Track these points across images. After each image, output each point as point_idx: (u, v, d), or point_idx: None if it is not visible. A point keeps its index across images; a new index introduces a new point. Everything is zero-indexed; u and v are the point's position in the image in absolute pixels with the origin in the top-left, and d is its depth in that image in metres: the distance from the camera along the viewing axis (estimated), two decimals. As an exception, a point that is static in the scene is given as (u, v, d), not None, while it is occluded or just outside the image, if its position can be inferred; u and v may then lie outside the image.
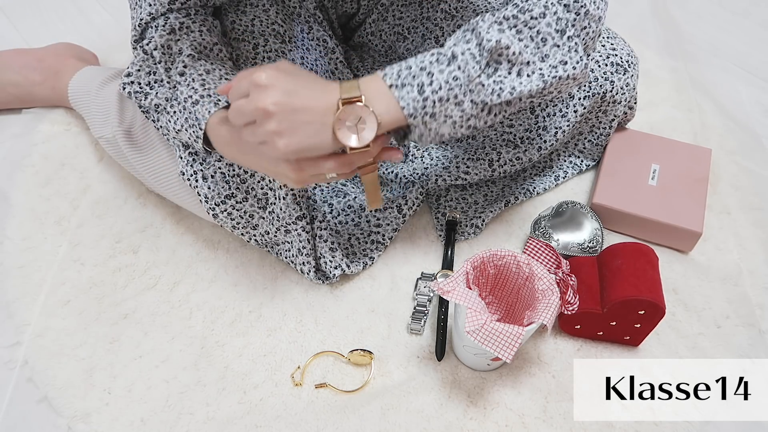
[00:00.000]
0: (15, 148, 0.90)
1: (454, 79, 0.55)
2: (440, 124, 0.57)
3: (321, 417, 0.65)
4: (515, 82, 0.57)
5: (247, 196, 0.71)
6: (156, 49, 0.64)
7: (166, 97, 0.66)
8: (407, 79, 0.55)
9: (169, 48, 0.65)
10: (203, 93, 0.62)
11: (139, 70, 0.67)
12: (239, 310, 0.74)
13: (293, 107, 0.52)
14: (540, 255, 0.70)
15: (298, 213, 0.69)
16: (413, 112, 0.55)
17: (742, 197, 0.87)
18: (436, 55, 0.56)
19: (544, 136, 0.81)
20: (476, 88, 0.56)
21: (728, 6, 1.21)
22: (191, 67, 0.64)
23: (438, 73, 0.55)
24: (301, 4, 0.77)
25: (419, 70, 0.55)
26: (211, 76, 0.64)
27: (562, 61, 0.57)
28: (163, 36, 0.64)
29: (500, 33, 0.56)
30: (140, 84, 0.68)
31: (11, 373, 0.69)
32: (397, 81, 0.55)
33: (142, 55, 0.66)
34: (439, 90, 0.55)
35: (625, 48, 0.82)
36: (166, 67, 0.65)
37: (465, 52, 0.56)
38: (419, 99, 0.55)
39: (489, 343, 0.58)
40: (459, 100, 0.56)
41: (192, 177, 0.70)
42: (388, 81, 0.55)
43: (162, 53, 0.64)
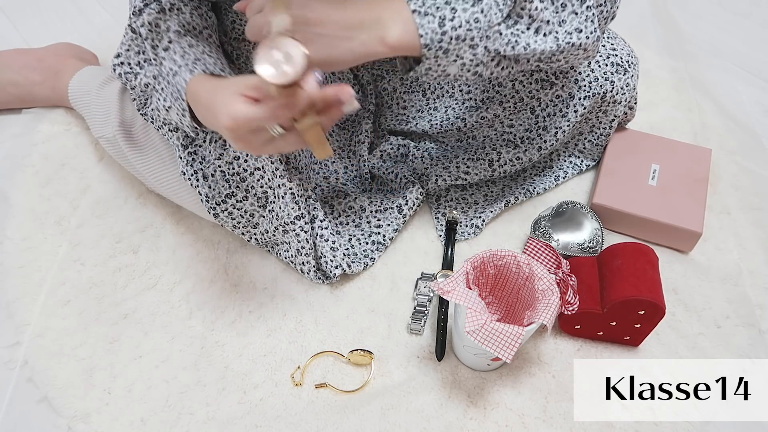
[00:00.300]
0: (15, 148, 0.90)
1: (475, 21, 0.55)
2: (449, 63, 0.57)
3: (321, 417, 0.65)
4: (531, 39, 0.57)
5: (247, 195, 0.71)
6: (143, 26, 0.64)
7: (154, 74, 0.66)
8: (431, 9, 0.54)
9: (156, 26, 0.64)
10: (181, 63, 0.61)
11: (128, 50, 0.67)
12: (239, 310, 0.74)
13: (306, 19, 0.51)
14: (540, 255, 0.70)
15: (297, 212, 0.69)
16: (429, 44, 0.55)
17: (742, 197, 0.87)
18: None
19: (545, 136, 0.81)
20: (493, 35, 0.56)
21: (728, 6, 1.21)
22: (176, 42, 0.63)
23: (461, 11, 0.54)
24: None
25: (444, 3, 0.55)
26: (193, 50, 0.63)
27: (578, 29, 0.58)
28: (152, 14, 0.63)
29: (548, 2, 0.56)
30: (130, 64, 0.67)
31: (11, 373, 0.69)
32: (421, 8, 0.54)
33: (131, 34, 0.66)
34: (459, 28, 0.54)
35: (626, 48, 0.82)
36: (153, 44, 0.64)
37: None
38: (438, 31, 0.54)
39: (489, 343, 0.58)
40: (474, 43, 0.56)
41: (192, 176, 0.70)
42: (413, 5, 0.54)
43: (149, 30, 0.64)
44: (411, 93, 0.86)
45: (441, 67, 0.57)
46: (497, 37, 0.56)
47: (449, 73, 0.58)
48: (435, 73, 0.58)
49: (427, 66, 0.57)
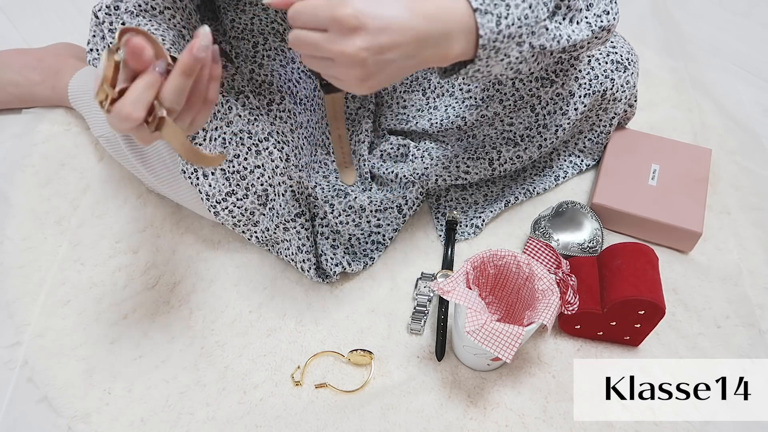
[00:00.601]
0: (15, 148, 0.90)
1: (525, 18, 0.53)
2: (497, 62, 0.54)
3: (321, 417, 0.65)
4: (569, 30, 0.57)
5: (248, 193, 0.71)
6: (101, 9, 0.61)
7: None
8: (490, 6, 0.50)
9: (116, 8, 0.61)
10: None
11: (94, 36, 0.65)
12: (239, 310, 0.74)
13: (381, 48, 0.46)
14: (540, 255, 0.70)
15: (297, 210, 0.70)
16: (486, 44, 0.51)
17: (742, 197, 0.87)
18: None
19: (545, 134, 0.81)
20: (539, 31, 0.54)
21: (728, 6, 1.21)
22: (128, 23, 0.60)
23: (514, 7, 0.51)
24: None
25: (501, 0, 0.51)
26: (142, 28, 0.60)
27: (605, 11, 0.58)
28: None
29: None
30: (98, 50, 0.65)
31: (11, 373, 0.69)
32: (482, 5, 0.50)
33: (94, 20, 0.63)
34: (512, 26, 0.52)
35: (625, 46, 0.82)
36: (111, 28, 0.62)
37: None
38: (495, 30, 0.51)
39: (489, 343, 0.58)
40: (522, 40, 0.53)
41: (192, 175, 0.70)
42: (474, 4, 0.50)
43: (106, 13, 0.61)
44: (411, 92, 0.86)
45: (488, 67, 0.55)
46: (543, 33, 0.54)
47: (493, 72, 0.55)
48: (480, 74, 0.55)
49: (476, 68, 0.54)
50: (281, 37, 0.75)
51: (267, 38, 0.73)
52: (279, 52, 0.74)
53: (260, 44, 0.73)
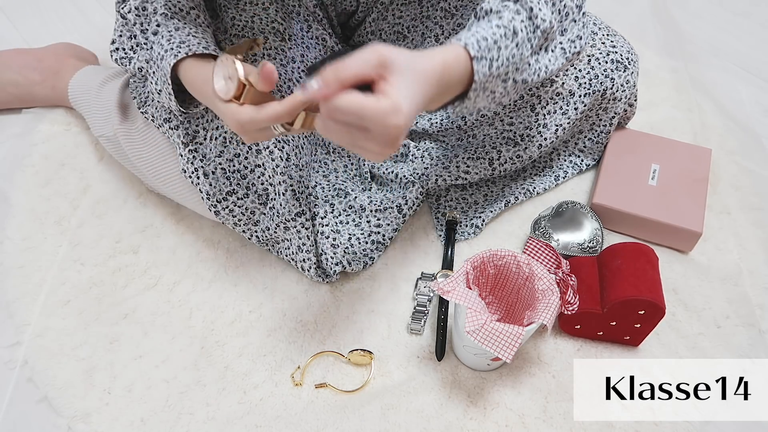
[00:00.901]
0: (15, 148, 0.90)
1: (512, 57, 0.54)
2: (483, 98, 0.56)
3: (321, 417, 0.65)
4: (546, 60, 0.57)
5: (248, 192, 0.71)
6: (130, 11, 0.64)
7: (146, 58, 0.65)
8: (485, 51, 0.52)
9: (143, 9, 0.64)
10: (167, 47, 0.60)
11: (121, 36, 0.67)
12: (239, 310, 0.74)
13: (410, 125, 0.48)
14: (540, 255, 0.70)
15: (298, 209, 0.70)
16: (476, 87, 0.53)
17: (742, 197, 0.87)
18: (503, 29, 0.53)
19: (545, 134, 0.81)
20: (523, 66, 0.55)
21: (728, 6, 1.21)
22: (164, 25, 0.63)
23: (504, 49, 0.53)
24: (300, 2, 0.77)
25: (493, 43, 0.53)
26: (179, 33, 0.62)
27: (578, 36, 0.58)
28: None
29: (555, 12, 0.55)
30: (124, 50, 0.67)
31: (11, 373, 0.69)
32: (479, 52, 0.52)
33: (121, 20, 0.66)
34: (501, 66, 0.53)
35: (625, 45, 0.82)
36: (143, 28, 0.64)
37: (523, 29, 0.54)
38: (486, 74, 0.53)
39: (489, 343, 0.58)
40: (507, 77, 0.55)
41: (193, 174, 0.71)
42: (473, 51, 0.52)
43: (137, 15, 0.64)
44: (411, 93, 0.86)
45: (474, 104, 0.56)
46: (526, 68, 0.55)
47: (479, 107, 0.56)
48: (467, 110, 0.56)
49: (463, 106, 0.55)
50: (281, 36, 0.75)
51: (267, 37, 0.73)
52: (279, 52, 0.74)
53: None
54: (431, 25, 0.84)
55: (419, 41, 0.85)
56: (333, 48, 0.81)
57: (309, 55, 0.78)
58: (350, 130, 0.46)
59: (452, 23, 0.82)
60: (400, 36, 0.86)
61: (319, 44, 0.80)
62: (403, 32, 0.85)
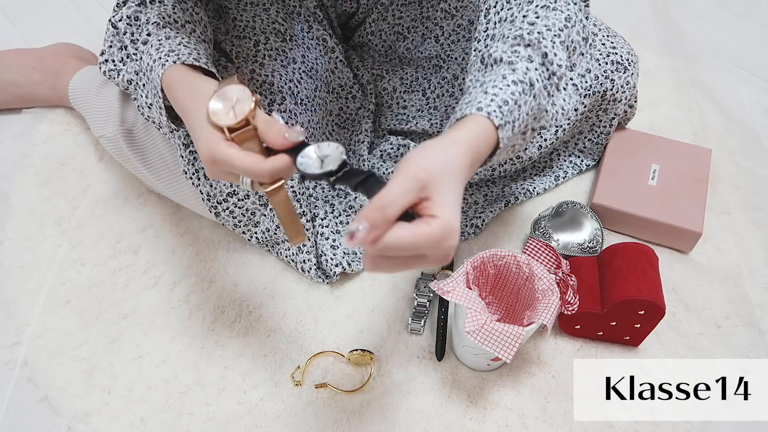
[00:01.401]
0: (15, 148, 0.90)
1: (531, 110, 0.52)
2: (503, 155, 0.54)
3: (321, 417, 0.65)
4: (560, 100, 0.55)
5: (249, 194, 0.71)
6: (121, 20, 0.61)
7: (135, 70, 0.62)
8: (507, 115, 0.50)
9: (136, 19, 0.61)
10: (156, 57, 0.56)
11: (111, 47, 0.64)
12: (239, 310, 0.74)
13: None
14: (540, 255, 0.70)
15: (298, 210, 0.69)
16: (501, 149, 0.51)
17: (742, 197, 0.87)
18: (520, 85, 0.51)
19: (545, 134, 0.81)
20: (541, 115, 0.53)
21: (728, 6, 1.21)
22: (154, 34, 0.59)
23: (524, 105, 0.51)
24: (301, 3, 0.77)
25: (515, 104, 0.51)
26: (169, 42, 0.58)
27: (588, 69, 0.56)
28: (131, 8, 0.60)
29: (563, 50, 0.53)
30: (114, 61, 0.64)
31: (11, 373, 0.69)
32: (502, 120, 0.50)
33: (112, 30, 0.63)
34: (521, 125, 0.52)
35: (625, 46, 0.82)
36: (133, 38, 0.61)
37: (538, 79, 0.52)
38: (510, 136, 0.51)
39: (489, 343, 0.58)
40: (527, 128, 0.53)
41: (194, 176, 0.71)
42: (496, 120, 0.49)
43: (128, 24, 0.61)
44: (411, 93, 0.86)
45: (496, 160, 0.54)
46: (543, 115, 0.54)
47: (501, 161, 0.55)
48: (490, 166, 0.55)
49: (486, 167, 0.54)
50: (282, 37, 0.75)
51: (269, 38, 0.73)
52: (280, 53, 0.74)
53: (261, 43, 0.73)
54: (431, 26, 0.84)
55: (419, 42, 0.85)
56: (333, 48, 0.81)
57: (309, 56, 0.78)
58: (406, 261, 0.44)
59: (452, 24, 0.82)
60: (400, 37, 0.86)
61: (320, 45, 0.80)
62: (402, 33, 0.85)
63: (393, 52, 0.88)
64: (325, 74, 0.80)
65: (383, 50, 0.88)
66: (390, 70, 0.87)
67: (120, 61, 0.64)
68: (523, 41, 0.53)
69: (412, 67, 0.87)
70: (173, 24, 0.61)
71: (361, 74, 0.86)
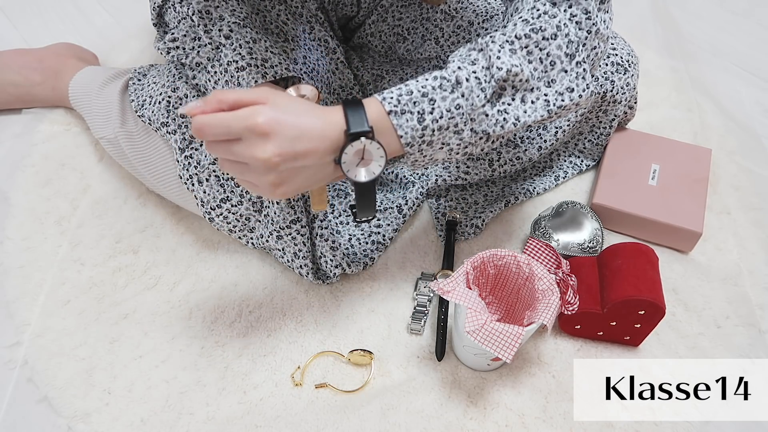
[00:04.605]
0: (15, 148, 0.90)
1: (457, 108, 0.52)
2: (435, 151, 0.55)
3: (321, 417, 0.65)
4: (519, 111, 0.54)
5: (242, 200, 0.70)
6: (194, 13, 0.65)
7: (208, 57, 0.67)
8: (407, 106, 0.52)
9: (207, 13, 0.65)
10: (250, 61, 0.63)
11: (185, 35, 0.68)
12: (239, 310, 0.74)
13: (296, 154, 0.48)
14: (540, 255, 0.70)
15: (293, 216, 0.69)
16: (411, 141, 0.52)
17: (742, 197, 0.87)
18: (440, 80, 0.53)
19: (544, 136, 0.81)
20: (478, 117, 0.53)
21: (728, 6, 1.21)
22: (237, 32, 0.65)
23: (440, 101, 0.52)
24: (303, 5, 0.78)
25: (420, 96, 0.52)
26: (258, 46, 0.65)
27: (569, 88, 0.55)
28: (200, 3, 0.64)
29: (512, 56, 0.53)
30: (185, 48, 0.69)
31: (11, 373, 0.69)
32: (396, 107, 0.52)
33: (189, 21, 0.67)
34: (440, 119, 0.52)
35: (626, 47, 0.82)
36: (206, 29, 0.65)
37: (470, 78, 0.53)
38: (418, 128, 0.52)
39: (489, 343, 0.58)
40: (459, 128, 0.53)
41: (188, 181, 0.71)
42: (387, 107, 0.52)
43: (200, 17, 0.65)
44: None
45: (427, 157, 0.55)
46: (483, 119, 0.53)
47: (437, 158, 0.56)
48: (422, 162, 0.56)
49: (412, 159, 0.55)
50: (284, 38, 0.75)
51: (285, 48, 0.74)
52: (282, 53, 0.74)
53: None
54: (431, 27, 0.84)
55: (419, 43, 0.85)
56: (334, 50, 0.81)
57: (311, 57, 0.78)
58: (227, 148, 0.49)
59: (452, 25, 0.82)
60: (399, 38, 0.86)
61: (321, 46, 0.80)
62: (402, 34, 0.85)
63: (393, 52, 0.88)
64: (326, 75, 0.80)
65: (383, 51, 0.88)
66: (390, 70, 0.87)
67: (191, 49, 0.68)
68: (477, 46, 0.54)
69: (412, 68, 0.87)
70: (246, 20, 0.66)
71: (361, 75, 0.86)
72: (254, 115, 0.47)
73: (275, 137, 0.47)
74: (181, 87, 0.72)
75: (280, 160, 0.48)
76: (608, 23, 0.58)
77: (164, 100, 0.73)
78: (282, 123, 0.48)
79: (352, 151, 0.51)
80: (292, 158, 0.48)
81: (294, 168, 0.50)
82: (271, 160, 0.48)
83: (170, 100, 0.72)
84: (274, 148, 0.47)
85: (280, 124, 0.48)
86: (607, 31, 0.57)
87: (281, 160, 0.48)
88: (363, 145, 0.50)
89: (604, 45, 0.58)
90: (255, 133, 0.47)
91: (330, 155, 0.51)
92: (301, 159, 0.49)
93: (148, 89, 0.78)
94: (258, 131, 0.47)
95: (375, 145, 0.51)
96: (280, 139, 0.47)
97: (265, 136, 0.47)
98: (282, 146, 0.47)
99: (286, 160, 0.48)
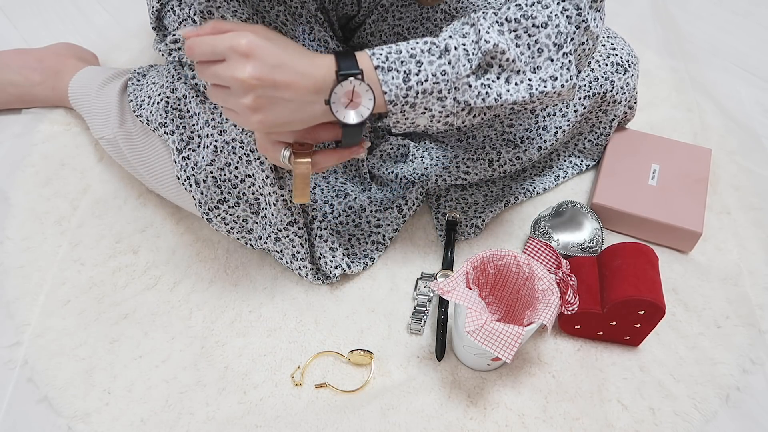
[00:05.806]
0: (15, 148, 0.90)
1: (443, 74, 0.54)
2: (418, 115, 0.56)
3: (321, 417, 0.65)
4: (502, 89, 0.56)
5: (239, 201, 0.70)
6: (196, 14, 0.65)
7: None
8: (395, 64, 0.53)
9: (209, 13, 0.65)
10: None
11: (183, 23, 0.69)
12: (239, 310, 0.74)
13: (274, 82, 0.49)
14: (540, 255, 0.70)
15: (290, 218, 0.69)
16: (394, 99, 0.54)
17: (742, 197, 0.87)
18: (429, 45, 0.54)
19: (544, 136, 0.81)
20: (462, 87, 0.55)
21: (728, 6, 1.21)
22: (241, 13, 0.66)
23: (427, 64, 0.54)
24: (302, 5, 0.77)
25: (409, 56, 0.53)
26: None
27: (553, 77, 0.57)
28: (201, 3, 0.65)
29: (500, 35, 0.55)
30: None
31: (11, 373, 0.69)
32: (384, 63, 0.53)
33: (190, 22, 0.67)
34: (425, 81, 0.54)
35: (626, 48, 0.82)
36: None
37: (459, 47, 0.54)
38: (402, 87, 0.53)
39: (489, 343, 0.58)
40: (442, 95, 0.55)
41: (186, 182, 0.71)
42: (375, 61, 0.53)
43: (202, 17, 0.65)
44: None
45: (409, 120, 0.57)
46: (466, 89, 0.55)
47: (418, 123, 0.57)
48: (403, 125, 0.57)
49: (394, 120, 0.56)
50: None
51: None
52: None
53: None
54: (431, 27, 0.84)
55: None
56: (334, 50, 0.81)
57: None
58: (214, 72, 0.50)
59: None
60: (400, 37, 0.86)
61: (321, 46, 0.80)
62: (402, 33, 0.85)
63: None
64: None
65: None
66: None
67: None
68: (470, 21, 0.56)
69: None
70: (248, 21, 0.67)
71: (361, 74, 0.86)
72: (238, 37, 0.48)
73: (255, 60, 0.48)
74: (180, 87, 0.72)
75: (258, 84, 0.48)
76: (599, 22, 0.59)
77: (163, 101, 0.73)
78: (265, 49, 0.49)
79: (341, 91, 0.51)
80: (270, 85, 0.49)
81: (273, 97, 0.50)
82: (249, 82, 0.48)
83: (169, 101, 0.72)
84: (253, 70, 0.48)
85: (263, 49, 0.48)
86: (597, 29, 0.59)
87: (259, 84, 0.48)
88: (353, 86, 0.51)
89: (593, 43, 0.60)
90: (237, 52, 0.48)
91: (312, 94, 0.51)
92: (282, 90, 0.50)
93: (146, 89, 0.78)
94: (240, 51, 0.48)
95: (364, 86, 0.51)
96: (260, 63, 0.48)
97: (246, 57, 0.48)
98: (261, 70, 0.48)
99: (265, 86, 0.49)
